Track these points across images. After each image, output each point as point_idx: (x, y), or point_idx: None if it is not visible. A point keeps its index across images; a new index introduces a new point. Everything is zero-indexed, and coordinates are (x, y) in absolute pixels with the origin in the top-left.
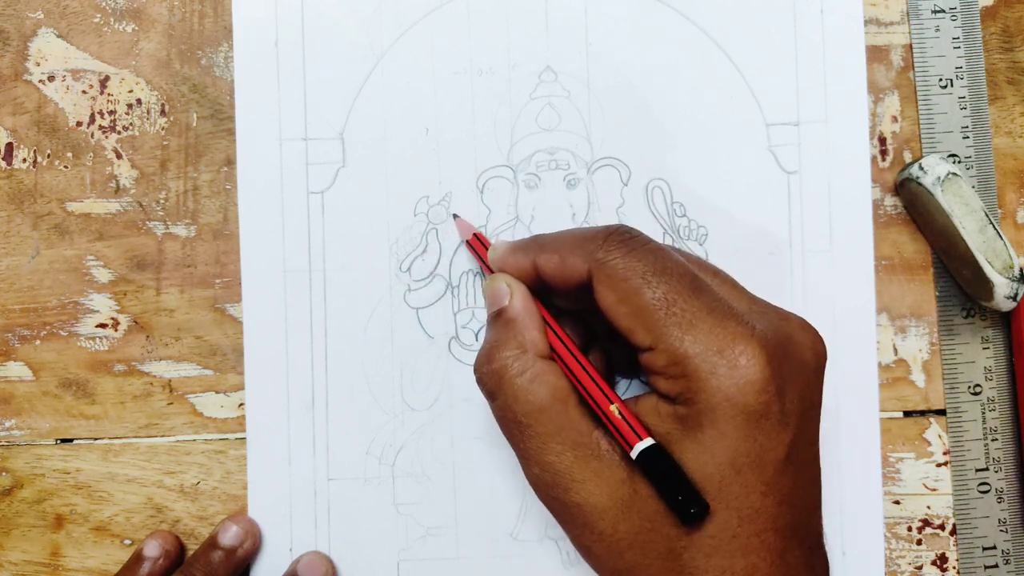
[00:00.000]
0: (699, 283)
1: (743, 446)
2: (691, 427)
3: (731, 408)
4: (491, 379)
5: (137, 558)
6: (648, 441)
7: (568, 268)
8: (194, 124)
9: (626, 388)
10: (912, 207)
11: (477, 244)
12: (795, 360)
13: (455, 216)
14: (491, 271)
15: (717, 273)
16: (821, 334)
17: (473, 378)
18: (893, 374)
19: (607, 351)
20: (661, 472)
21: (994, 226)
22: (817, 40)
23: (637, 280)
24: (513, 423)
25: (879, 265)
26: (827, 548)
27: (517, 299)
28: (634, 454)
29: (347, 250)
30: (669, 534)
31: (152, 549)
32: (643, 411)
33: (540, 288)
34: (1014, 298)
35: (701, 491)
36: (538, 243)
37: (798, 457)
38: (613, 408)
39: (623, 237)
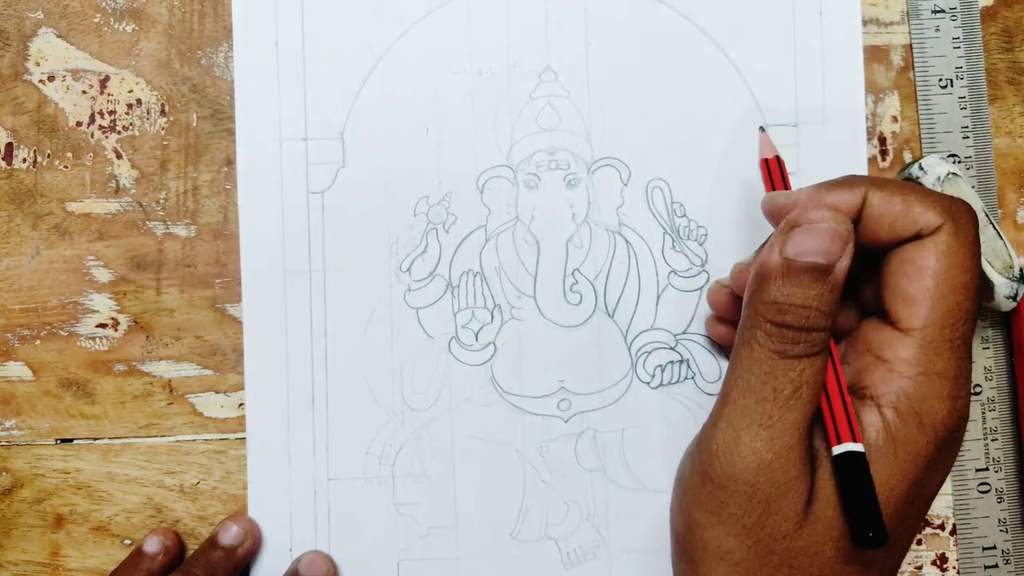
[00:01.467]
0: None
1: (916, 468)
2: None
3: (940, 451)
4: (820, 322)
5: (137, 554)
6: (856, 446)
7: (912, 218)
8: (194, 124)
9: None
10: None
11: (775, 169)
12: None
13: (761, 129)
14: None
15: None
16: None
17: (473, 377)
18: None
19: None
20: (854, 481)
21: (994, 226)
22: (816, 41)
23: (968, 271)
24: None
25: None
26: None
27: (846, 260)
28: (837, 451)
29: (347, 250)
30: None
31: (152, 545)
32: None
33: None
34: (1014, 298)
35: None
36: (870, 180)
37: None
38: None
39: (975, 219)
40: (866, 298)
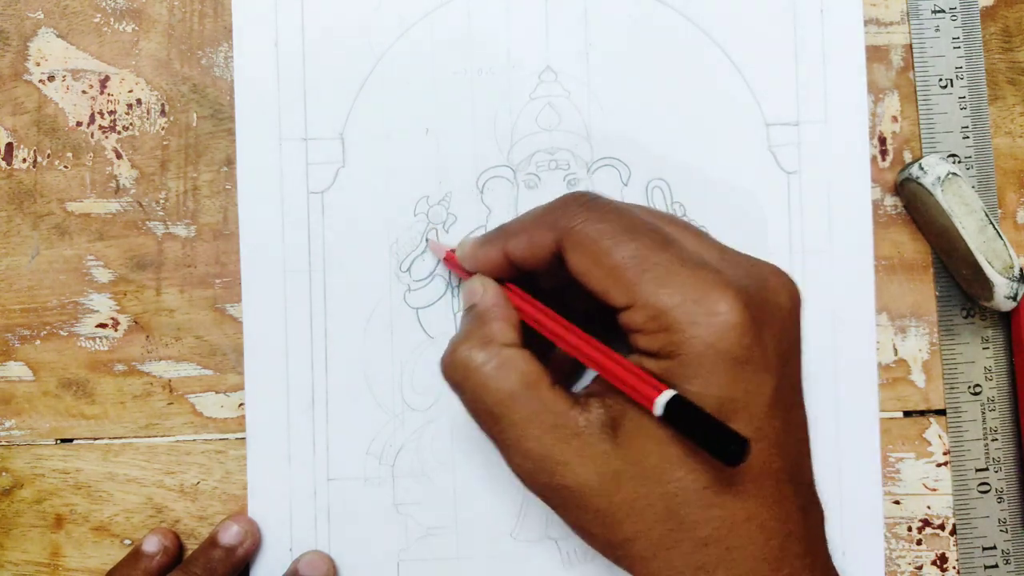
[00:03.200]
0: (668, 237)
1: (730, 392)
2: (678, 379)
3: (715, 355)
4: (454, 371)
5: (136, 553)
6: (670, 392)
7: (537, 245)
8: (194, 124)
9: None
10: (912, 207)
11: (452, 257)
12: (771, 304)
13: (427, 241)
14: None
15: (686, 226)
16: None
17: None
18: (893, 374)
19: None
20: (689, 420)
21: (994, 226)
22: (817, 40)
23: (607, 241)
24: (485, 414)
25: (879, 265)
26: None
27: (488, 295)
28: (658, 408)
29: (347, 250)
30: (664, 493)
31: (151, 545)
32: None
33: (519, 275)
34: (1014, 298)
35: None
36: (503, 231)
37: (783, 401)
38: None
39: (585, 201)
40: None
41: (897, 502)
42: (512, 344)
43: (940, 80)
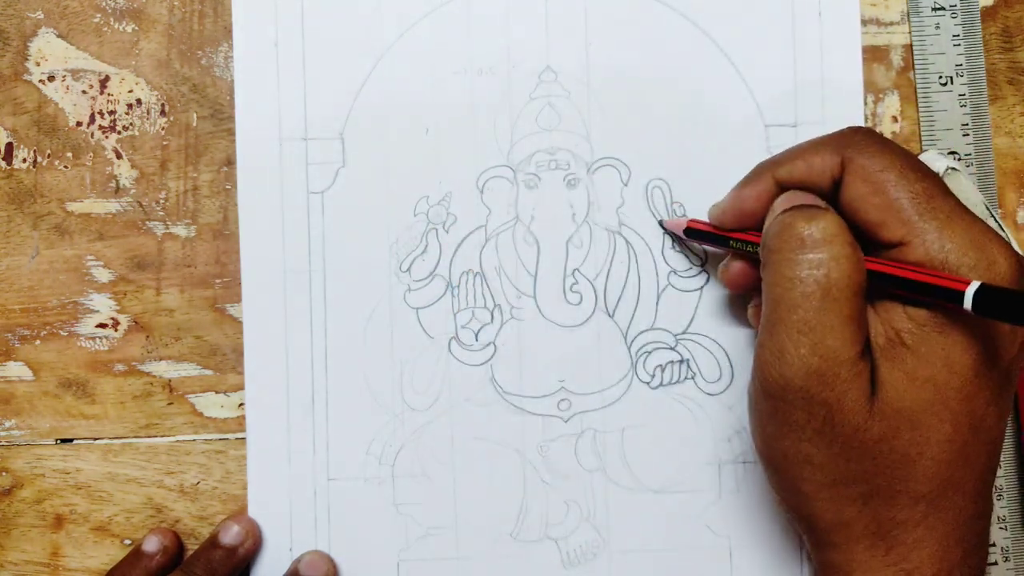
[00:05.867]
0: (946, 186)
1: (985, 348)
2: (941, 326)
3: None
4: (815, 233)
5: (136, 553)
6: (976, 283)
7: (817, 170)
8: (194, 124)
9: None
10: None
11: (696, 226)
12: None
13: (661, 224)
14: (725, 246)
15: None
16: None
17: (473, 377)
18: None
19: None
20: (1005, 304)
21: (995, 219)
22: (815, 42)
23: (893, 174)
24: (819, 288)
25: None
26: None
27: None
28: (968, 301)
29: (347, 250)
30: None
31: (151, 545)
32: (888, 313)
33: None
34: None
35: (947, 388)
36: (765, 165)
37: (1010, 370)
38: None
39: (869, 132)
40: None
41: None
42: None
43: (940, 78)
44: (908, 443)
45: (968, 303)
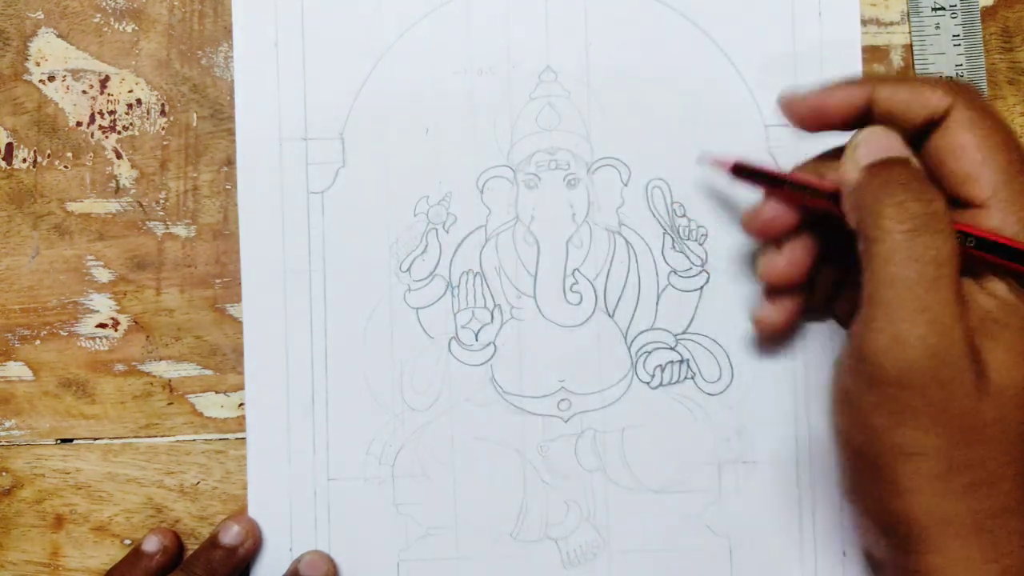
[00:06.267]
0: None
1: None
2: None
3: None
4: (930, 207)
5: (135, 553)
6: None
7: (920, 102)
8: (194, 124)
9: None
10: None
11: (746, 171)
12: None
13: (702, 157)
14: (777, 187)
15: None
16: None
17: (473, 377)
18: None
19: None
20: None
21: None
22: (815, 42)
23: (1001, 136)
24: (932, 262)
25: None
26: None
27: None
28: None
29: (347, 250)
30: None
31: (151, 544)
32: (970, 290)
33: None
34: None
35: None
36: (874, 77)
37: None
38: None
39: (983, 97)
40: None
41: None
42: None
43: (940, 78)
44: (1020, 422)
45: None
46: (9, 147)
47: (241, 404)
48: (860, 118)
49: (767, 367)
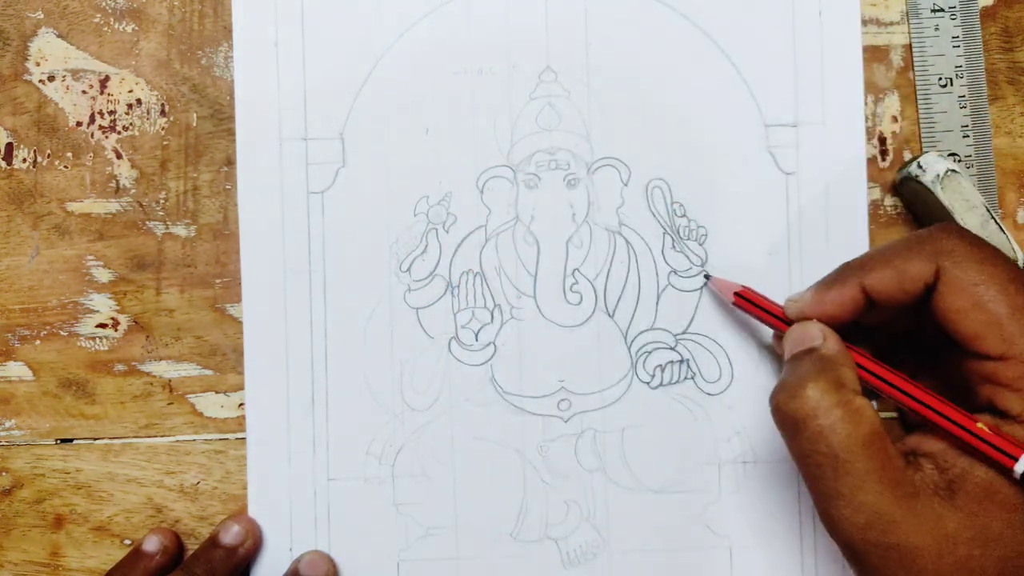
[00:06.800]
0: None
1: None
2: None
3: None
4: (799, 413)
5: (136, 553)
6: None
7: (908, 277)
8: (194, 124)
9: None
10: (913, 206)
11: (749, 303)
12: None
13: (707, 279)
14: (781, 325)
15: None
16: None
17: (473, 377)
18: None
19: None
20: None
21: (996, 220)
22: (815, 42)
23: (995, 288)
24: (825, 459)
25: None
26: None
27: (831, 341)
28: (1020, 470)
29: (347, 250)
30: (1002, 557)
31: (151, 544)
32: (922, 442)
33: (858, 317)
34: None
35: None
36: (856, 266)
37: None
38: (981, 425)
39: (966, 238)
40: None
41: None
42: (860, 394)
43: (940, 79)
44: (996, 561)
45: (1020, 470)
46: (9, 147)
47: (241, 404)
48: (859, 309)
49: (767, 367)
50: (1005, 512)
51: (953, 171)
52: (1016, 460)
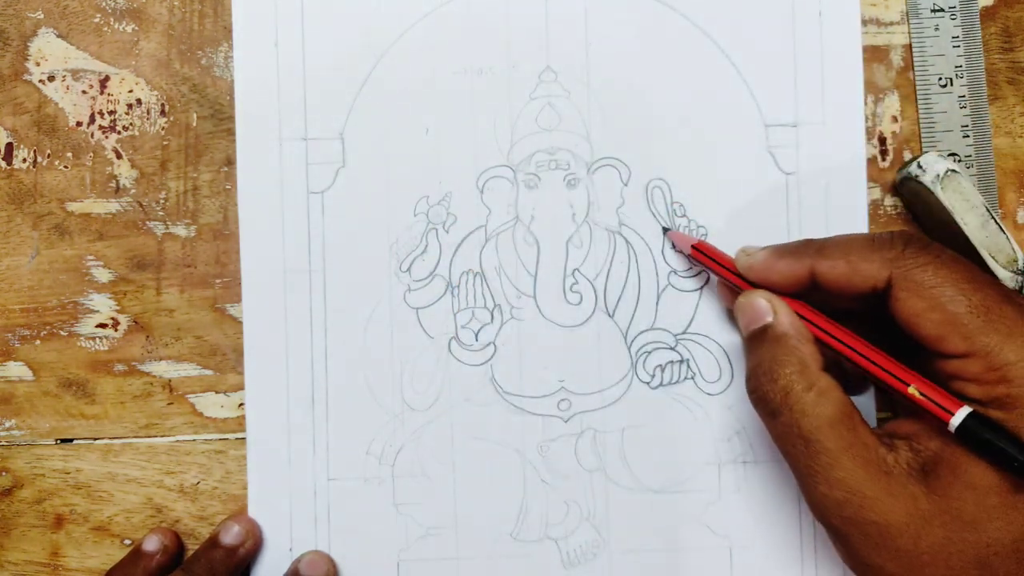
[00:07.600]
0: (1008, 292)
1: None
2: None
3: None
4: (776, 396)
5: (136, 553)
6: (966, 409)
7: (859, 275)
8: (194, 124)
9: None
10: (913, 206)
11: (704, 254)
12: None
13: (666, 230)
14: (734, 278)
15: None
16: None
17: (473, 377)
18: None
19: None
20: (985, 438)
21: (996, 221)
22: (815, 42)
23: (951, 288)
24: (800, 440)
25: None
26: (826, 547)
27: (783, 314)
28: (955, 424)
29: (347, 250)
30: (977, 542)
31: (151, 544)
32: (897, 423)
33: (806, 295)
34: (1019, 291)
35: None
36: (812, 247)
37: None
38: (912, 389)
39: (924, 244)
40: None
41: None
42: (825, 370)
43: (940, 79)
44: (972, 546)
45: (954, 425)
46: (9, 147)
47: (241, 404)
48: (803, 287)
49: None
50: (979, 496)
51: (953, 171)
52: (952, 414)
